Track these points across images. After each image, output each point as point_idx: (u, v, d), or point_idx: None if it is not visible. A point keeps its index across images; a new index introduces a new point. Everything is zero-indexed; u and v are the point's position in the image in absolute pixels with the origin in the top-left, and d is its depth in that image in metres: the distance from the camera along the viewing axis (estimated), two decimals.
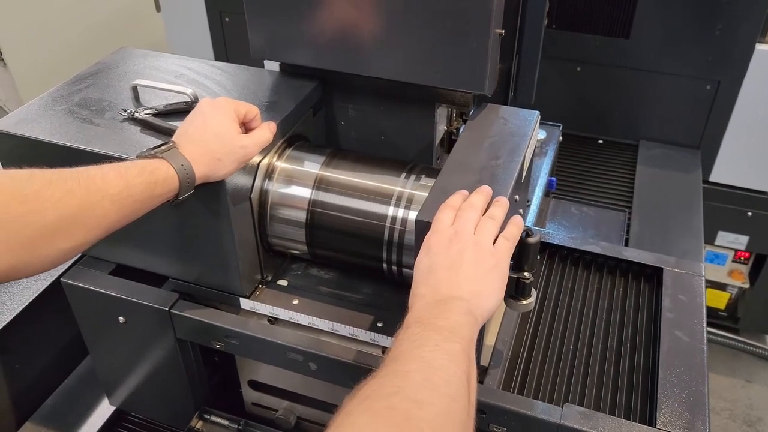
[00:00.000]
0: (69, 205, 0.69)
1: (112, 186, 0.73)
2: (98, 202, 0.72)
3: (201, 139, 0.84)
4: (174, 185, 0.80)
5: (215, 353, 1.12)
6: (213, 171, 0.84)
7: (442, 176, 0.89)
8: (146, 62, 1.14)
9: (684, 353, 0.94)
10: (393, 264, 0.96)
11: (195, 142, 0.84)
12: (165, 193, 0.80)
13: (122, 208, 0.75)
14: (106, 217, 0.73)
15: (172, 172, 0.80)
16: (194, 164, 0.82)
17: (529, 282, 0.83)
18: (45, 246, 0.69)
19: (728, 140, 1.91)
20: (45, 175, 0.70)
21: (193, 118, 0.87)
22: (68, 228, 0.70)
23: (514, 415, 0.86)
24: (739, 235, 2.06)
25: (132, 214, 0.77)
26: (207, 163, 0.83)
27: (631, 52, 1.87)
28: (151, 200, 0.79)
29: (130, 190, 0.75)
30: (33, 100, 1.02)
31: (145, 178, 0.77)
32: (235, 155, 0.86)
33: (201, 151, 0.83)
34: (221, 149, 0.85)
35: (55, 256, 0.71)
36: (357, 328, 0.95)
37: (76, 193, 0.70)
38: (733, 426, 2.18)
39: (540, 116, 1.04)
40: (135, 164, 0.78)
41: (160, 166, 0.79)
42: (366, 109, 1.10)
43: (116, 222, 0.75)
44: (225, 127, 0.86)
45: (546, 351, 1.00)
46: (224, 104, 0.88)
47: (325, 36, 1.01)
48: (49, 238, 0.69)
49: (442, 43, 0.95)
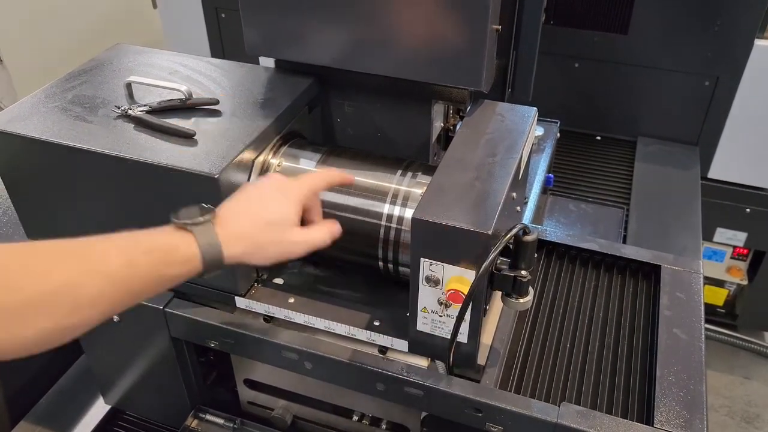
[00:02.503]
0: (53, 279, 0.61)
1: (110, 263, 0.65)
2: (90, 279, 0.63)
3: (247, 220, 0.76)
4: (195, 266, 0.71)
5: (210, 352, 1.12)
6: (248, 256, 0.76)
7: (439, 173, 0.88)
8: (140, 59, 1.13)
9: (682, 351, 0.94)
10: (389, 262, 0.95)
11: (239, 221, 0.76)
12: (183, 273, 0.71)
13: (124, 288, 0.66)
14: (102, 297, 0.64)
15: (194, 251, 0.71)
16: (227, 246, 0.73)
17: (526, 280, 0.83)
18: (21, 325, 0.60)
19: (727, 137, 1.90)
20: (36, 246, 0.64)
21: (250, 193, 0.80)
22: (51, 305, 0.61)
23: (511, 414, 0.86)
24: (737, 231, 2.05)
25: (142, 294, 0.68)
26: (244, 247, 0.75)
27: (629, 48, 1.86)
28: (164, 280, 0.70)
29: (134, 268, 0.66)
30: (25, 98, 1.01)
31: (155, 256, 0.68)
32: (281, 248, 0.78)
33: (241, 233, 0.75)
34: (268, 238, 0.77)
35: (35, 337, 0.61)
36: (353, 327, 0.95)
37: (66, 267, 0.63)
38: (731, 423, 2.18)
39: (538, 113, 1.03)
40: (149, 239, 0.70)
41: (180, 245, 0.70)
42: (362, 106, 1.09)
43: (118, 303, 0.66)
44: (283, 215, 0.78)
45: (543, 349, 1.00)
46: (293, 188, 0.80)
47: (320, 32, 1.00)
48: (26, 315, 0.60)
49: (438, 39, 0.94)
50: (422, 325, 0.89)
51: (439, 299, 0.85)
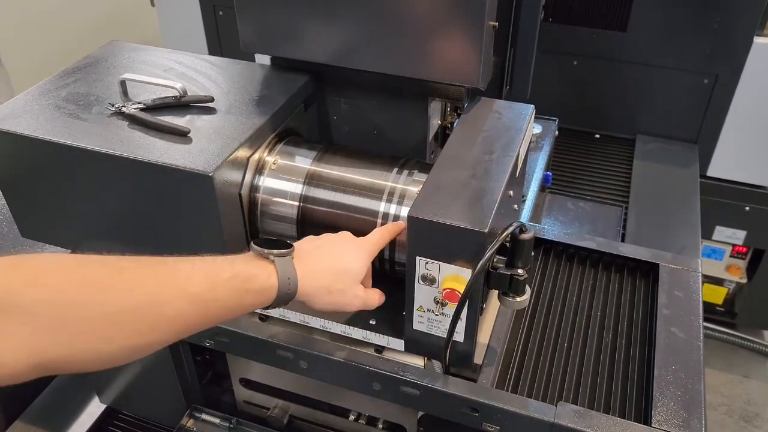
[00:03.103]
0: (135, 297, 0.61)
1: (194, 285, 0.65)
2: (173, 300, 0.64)
3: (324, 263, 0.79)
4: (270, 296, 0.72)
5: (206, 351, 1.11)
6: (314, 298, 0.78)
7: (435, 171, 0.88)
8: (135, 56, 1.12)
9: (680, 350, 0.93)
10: (385, 260, 0.95)
11: (317, 262, 0.78)
12: (257, 303, 0.72)
13: (205, 312, 0.67)
14: (182, 318, 0.65)
15: (273, 282, 0.72)
16: (302, 280, 0.75)
17: (523, 279, 0.82)
18: (101, 339, 0.60)
19: (726, 134, 1.89)
20: (119, 262, 0.64)
21: (329, 240, 0.83)
22: (131, 323, 0.61)
23: (508, 414, 0.85)
24: (736, 229, 2.05)
25: (215, 320, 0.69)
26: (315, 287, 0.77)
27: (628, 46, 1.86)
28: (240, 308, 0.71)
29: (216, 293, 0.67)
30: (19, 95, 1.00)
31: (235, 283, 0.69)
32: (343, 299, 0.80)
33: (318, 272, 0.77)
34: (338, 285, 0.79)
35: (114, 353, 0.61)
36: (349, 326, 0.94)
37: (149, 285, 0.63)
38: (730, 422, 2.18)
39: (536, 110, 1.03)
40: (231, 266, 0.70)
41: (260, 274, 0.71)
42: (358, 104, 1.09)
43: (192, 325, 0.66)
44: (358, 268, 0.81)
45: (540, 348, 0.99)
46: (368, 247, 0.83)
47: (316, 29, 0.99)
48: (107, 331, 0.60)
49: (434, 36, 0.93)
50: (418, 324, 0.88)
51: (435, 298, 0.84)
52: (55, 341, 0.57)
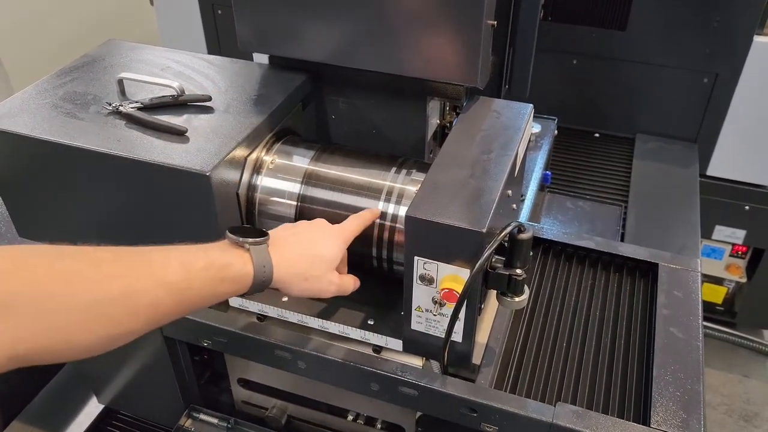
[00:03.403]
0: (111, 288, 0.62)
1: (169, 275, 0.67)
2: (149, 289, 0.65)
3: (299, 250, 0.80)
4: (245, 284, 0.74)
5: (204, 351, 1.11)
6: (289, 285, 0.79)
7: (433, 171, 0.87)
8: (133, 55, 1.12)
9: (679, 350, 0.93)
10: (383, 260, 0.94)
11: (292, 248, 0.79)
12: (232, 291, 0.73)
13: (181, 301, 0.68)
14: (158, 307, 0.66)
15: (249, 270, 0.73)
16: (277, 269, 0.76)
17: (521, 279, 0.82)
18: (79, 330, 0.61)
19: (726, 134, 1.89)
20: (96, 253, 0.64)
21: (304, 228, 0.84)
22: (108, 313, 0.62)
23: (506, 414, 0.85)
24: (736, 229, 2.04)
25: (190, 308, 0.70)
26: (290, 274, 0.78)
27: (627, 45, 1.85)
28: (215, 296, 0.72)
29: (192, 282, 0.68)
30: (16, 94, 1.00)
31: (211, 273, 0.70)
32: (318, 285, 0.81)
33: (292, 259, 0.78)
34: (313, 272, 0.80)
35: (91, 343, 0.62)
36: (347, 326, 0.94)
37: (125, 277, 0.64)
38: (729, 421, 2.17)
39: (535, 109, 1.02)
40: (206, 255, 0.71)
41: (236, 262, 0.73)
42: (357, 103, 1.08)
43: (169, 313, 0.68)
44: (332, 254, 0.82)
45: (539, 349, 0.99)
46: (343, 234, 0.84)
47: (314, 28, 0.99)
48: (84, 322, 0.61)
49: (432, 35, 0.93)
50: (416, 324, 0.88)
51: (434, 298, 0.84)
52: (34, 333, 0.58)
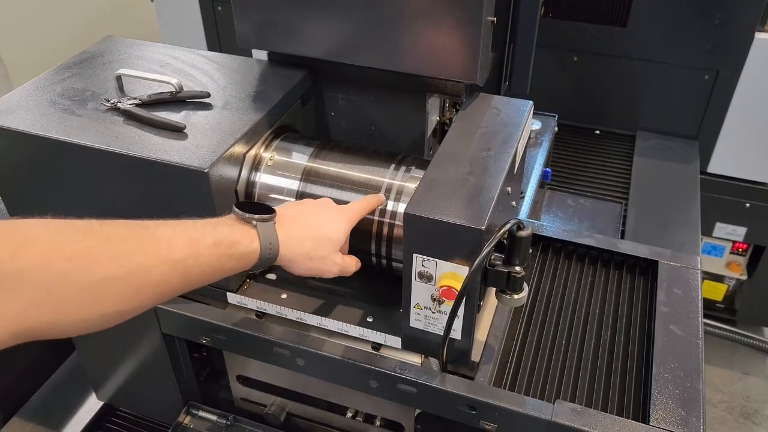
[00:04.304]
0: (121, 266, 0.62)
1: (177, 252, 0.67)
2: (157, 266, 0.65)
3: (306, 228, 0.80)
4: (251, 260, 0.74)
5: (203, 348, 1.11)
6: (295, 263, 0.79)
7: (432, 168, 0.87)
8: (131, 51, 1.11)
9: (679, 348, 0.93)
10: (382, 257, 0.94)
11: (299, 227, 0.79)
12: (239, 266, 0.73)
13: (186, 276, 0.68)
14: (165, 284, 0.66)
15: (255, 247, 0.74)
16: (282, 246, 0.76)
17: (520, 276, 0.81)
18: (88, 307, 0.61)
19: (726, 131, 1.88)
20: (104, 229, 0.64)
21: (310, 207, 0.84)
22: (117, 291, 0.63)
23: (505, 412, 0.84)
24: (737, 226, 2.04)
25: (197, 283, 0.70)
26: (296, 253, 0.78)
27: (628, 42, 1.85)
28: (222, 272, 0.72)
29: (198, 259, 0.68)
30: (14, 90, 1.00)
31: (219, 250, 0.70)
32: (322, 265, 0.81)
33: (299, 237, 0.78)
34: (318, 251, 0.80)
35: (99, 319, 0.63)
36: (346, 323, 0.93)
37: (134, 255, 0.64)
38: (729, 418, 2.17)
39: (535, 106, 1.02)
40: (214, 231, 0.71)
41: (243, 240, 0.73)
42: (356, 99, 1.08)
43: (176, 289, 0.68)
44: (336, 237, 0.82)
45: (538, 346, 0.99)
46: (349, 216, 0.84)
47: (313, 24, 0.98)
48: (93, 299, 0.61)
49: (431, 31, 0.92)
50: (415, 321, 0.88)
51: (432, 295, 0.84)
52: (42, 310, 0.58)
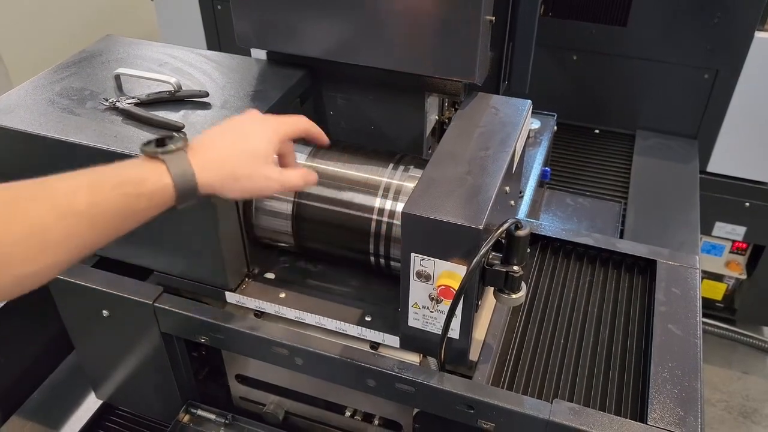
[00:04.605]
0: (22, 225, 0.60)
1: (78, 202, 0.63)
2: (60, 220, 0.62)
3: (223, 148, 0.74)
4: (167, 196, 0.68)
5: (202, 347, 1.11)
6: (222, 187, 0.73)
7: (430, 167, 0.87)
8: (130, 50, 1.11)
9: (677, 347, 0.93)
10: (381, 257, 0.94)
11: (215, 147, 0.74)
12: (155, 205, 0.68)
13: (96, 226, 0.64)
14: (75, 236, 0.63)
15: (167, 182, 0.68)
16: (202, 172, 0.70)
17: (518, 276, 0.81)
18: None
19: (726, 130, 1.88)
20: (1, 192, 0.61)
21: (230, 124, 0.77)
22: (20, 251, 0.59)
23: (503, 411, 0.84)
24: (736, 225, 2.04)
25: (115, 231, 0.67)
26: (218, 176, 0.72)
27: (628, 41, 1.84)
28: (135, 214, 0.67)
29: (102, 206, 0.64)
30: (12, 90, 1.00)
31: (125, 190, 0.65)
32: (255, 183, 0.75)
33: (217, 159, 0.72)
34: (243, 169, 0.74)
35: (12, 283, 0.60)
36: (344, 323, 0.94)
37: (32, 211, 0.61)
38: (728, 418, 2.17)
39: (534, 105, 1.02)
40: (116, 173, 0.67)
41: (150, 176, 0.67)
42: (355, 99, 1.08)
43: (93, 241, 0.65)
44: (260, 147, 0.75)
45: (536, 345, 0.99)
46: (272, 124, 0.78)
47: (312, 23, 0.98)
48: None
49: (430, 30, 0.92)
50: (413, 320, 0.88)
51: (431, 295, 0.84)
52: None
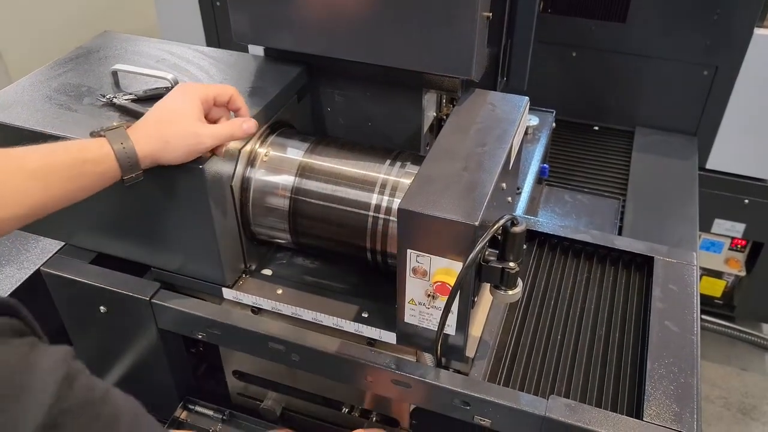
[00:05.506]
0: None
1: (30, 161, 0.72)
2: (11, 178, 0.70)
3: (153, 120, 0.82)
4: (110, 165, 0.77)
5: (199, 343, 1.11)
6: (159, 153, 0.81)
7: (427, 163, 0.87)
8: (128, 47, 1.11)
9: (673, 344, 0.93)
10: (377, 253, 0.94)
11: (147, 122, 0.82)
12: (101, 172, 0.77)
13: (47, 186, 0.73)
14: (28, 195, 0.71)
15: (107, 151, 0.77)
16: (138, 144, 0.79)
17: (514, 272, 0.81)
18: None
19: (725, 127, 1.88)
20: None
21: (158, 102, 0.85)
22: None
23: (499, 407, 0.85)
24: (735, 222, 2.04)
25: (66, 194, 0.75)
26: (153, 144, 0.80)
27: (627, 37, 1.84)
28: (83, 178, 0.76)
29: (52, 166, 0.73)
30: (10, 86, 1.00)
31: (71, 155, 0.75)
32: (185, 141, 0.82)
33: (149, 131, 0.81)
34: (170, 131, 0.81)
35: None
36: (341, 319, 0.94)
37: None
38: (727, 414, 2.18)
39: (533, 102, 1.02)
40: (66, 144, 0.76)
41: (92, 147, 0.77)
42: (352, 95, 1.08)
43: (44, 201, 0.73)
44: (182, 109, 0.83)
45: (533, 342, 0.99)
46: (191, 87, 0.86)
47: (310, 20, 0.98)
48: None
49: (427, 27, 0.92)
50: (410, 317, 0.88)
51: (427, 291, 0.84)
52: None
